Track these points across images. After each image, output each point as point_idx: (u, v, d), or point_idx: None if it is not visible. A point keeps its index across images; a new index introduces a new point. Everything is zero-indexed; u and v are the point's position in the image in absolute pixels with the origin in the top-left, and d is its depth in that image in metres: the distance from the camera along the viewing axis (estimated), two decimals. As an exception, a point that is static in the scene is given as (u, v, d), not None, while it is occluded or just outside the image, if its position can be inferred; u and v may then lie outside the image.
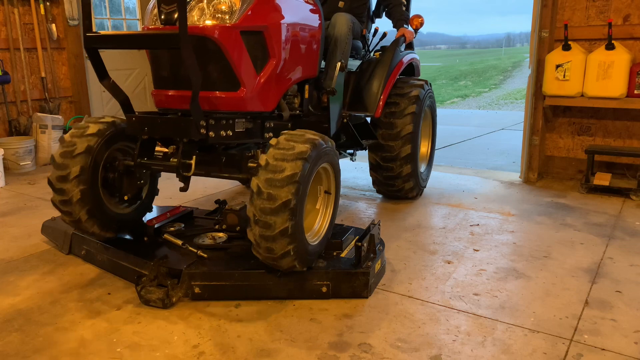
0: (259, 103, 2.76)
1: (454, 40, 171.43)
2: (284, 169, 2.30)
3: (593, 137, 4.75)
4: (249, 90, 2.67)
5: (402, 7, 4.09)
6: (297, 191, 2.28)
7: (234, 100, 2.65)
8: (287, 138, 2.44)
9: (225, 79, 2.62)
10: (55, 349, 2.17)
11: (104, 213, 2.85)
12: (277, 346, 2.18)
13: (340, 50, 3.40)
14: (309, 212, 2.68)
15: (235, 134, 2.72)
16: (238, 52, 2.58)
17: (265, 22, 2.67)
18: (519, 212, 3.95)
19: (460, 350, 2.16)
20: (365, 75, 3.89)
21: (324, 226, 2.74)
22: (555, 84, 4.49)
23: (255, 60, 2.70)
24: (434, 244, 3.31)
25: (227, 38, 2.53)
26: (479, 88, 24.37)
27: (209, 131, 2.55)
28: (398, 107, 3.84)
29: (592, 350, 2.15)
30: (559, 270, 2.92)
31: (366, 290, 2.58)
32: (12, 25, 5.58)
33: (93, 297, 2.61)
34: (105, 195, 2.87)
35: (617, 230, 3.54)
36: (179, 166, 2.64)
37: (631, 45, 4.39)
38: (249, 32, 2.62)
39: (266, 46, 2.72)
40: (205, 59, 2.57)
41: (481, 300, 2.57)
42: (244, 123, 2.78)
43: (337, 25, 3.42)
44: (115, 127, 2.86)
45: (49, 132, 5.58)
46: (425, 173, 4.37)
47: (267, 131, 2.94)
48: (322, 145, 2.51)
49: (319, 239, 2.65)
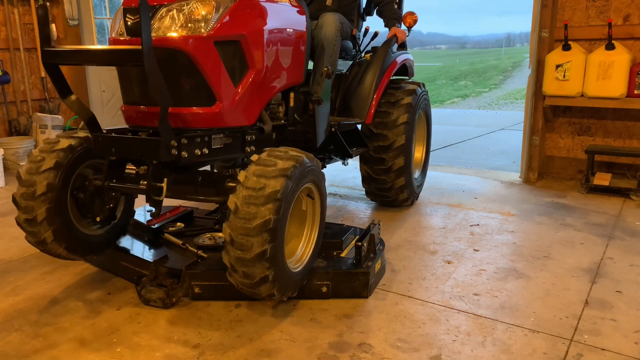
0: (237, 117, 2.56)
1: (454, 40, 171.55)
2: (264, 186, 2.13)
3: (593, 137, 4.75)
4: (226, 104, 2.47)
5: (394, 4, 3.89)
6: (278, 210, 2.10)
7: (210, 116, 2.44)
8: (270, 154, 2.28)
9: (199, 94, 2.41)
10: (55, 349, 2.17)
11: (72, 234, 2.60)
12: (277, 346, 2.18)
13: (328, 53, 3.22)
14: (292, 236, 2.50)
15: (212, 151, 2.52)
16: (212, 65, 2.38)
17: (242, 31, 2.46)
18: (519, 212, 3.95)
19: (460, 351, 2.16)
20: (356, 79, 3.69)
21: (307, 253, 2.53)
22: (555, 84, 4.49)
23: (233, 72, 2.49)
24: (434, 244, 3.31)
25: (200, 50, 2.32)
26: (479, 88, 24.37)
27: (181, 151, 2.35)
28: (389, 117, 3.64)
29: (592, 350, 2.15)
30: (559, 270, 2.92)
31: (366, 290, 2.58)
32: (12, 25, 5.58)
33: (93, 297, 2.61)
34: (75, 215, 2.63)
35: (617, 230, 3.54)
36: (149, 189, 2.41)
37: (631, 45, 4.39)
38: (225, 42, 2.41)
39: (244, 56, 2.52)
40: (176, 72, 2.37)
41: (481, 300, 2.57)
42: (222, 139, 2.57)
43: (325, 27, 3.24)
44: (89, 142, 2.60)
45: (49, 132, 5.58)
46: (420, 179, 4.20)
47: (248, 145, 2.73)
48: (307, 163, 2.33)
49: (301, 266, 2.45)
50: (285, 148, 2.38)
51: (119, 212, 2.86)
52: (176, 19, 2.33)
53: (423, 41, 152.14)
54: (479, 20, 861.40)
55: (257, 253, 2.09)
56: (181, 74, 2.37)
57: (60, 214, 2.52)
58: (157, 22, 2.33)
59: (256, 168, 2.20)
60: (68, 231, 2.58)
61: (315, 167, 2.43)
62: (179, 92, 2.39)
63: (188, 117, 2.42)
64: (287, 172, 2.18)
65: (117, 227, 2.87)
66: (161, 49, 2.28)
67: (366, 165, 3.78)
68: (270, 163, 2.21)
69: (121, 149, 2.42)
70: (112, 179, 2.56)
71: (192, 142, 2.40)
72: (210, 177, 2.59)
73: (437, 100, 19.16)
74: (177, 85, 2.38)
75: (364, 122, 3.58)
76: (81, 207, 2.65)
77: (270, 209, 2.09)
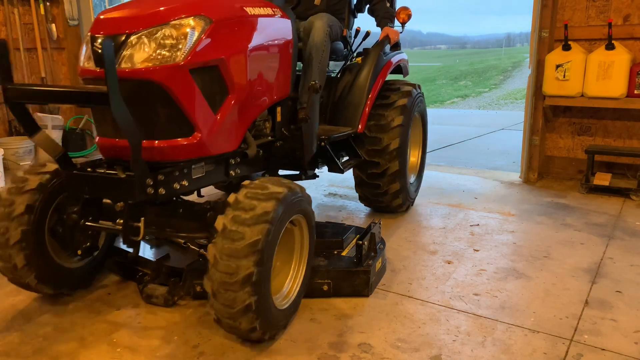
0: (219, 145, 2.40)
1: (454, 40, 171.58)
2: (243, 235, 1.96)
3: (593, 137, 4.75)
4: (206, 133, 2.28)
5: (386, 3, 3.69)
6: (259, 261, 1.95)
7: (189, 147, 2.26)
8: (248, 194, 2.08)
9: (176, 125, 2.23)
10: (55, 349, 2.17)
11: (49, 267, 2.45)
12: (277, 346, 2.18)
13: (317, 59, 3.05)
14: (279, 271, 2.36)
15: (192, 181, 2.37)
16: (189, 94, 2.19)
17: (220, 55, 2.27)
18: (519, 212, 3.95)
19: (460, 351, 2.16)
20: (346, 85, 3.51)
21: (295, 289, 2.38)
22: (555, 84, 4.49)
23: (211, 99, 2.31)
24: (434, 244, 3.31)
25: (174, 80, 2.13)
26: (479, 88, 24.37)
27: (157, 188, 2.18)
28: (383, 120, 3.48)
29: (592, 350, 2.15)
30: (559, 270, 2.92)
31: (367, 289, 2.58)
32: (12, 25, 5.58)
33: (93, 297, 2.61)
34: (53, 247, 2.48)
35: (617, 230, 3.54)
36: (125, 230, 2.24)
37: (631, 45, 4.39)
38: (201, 69, 2.22)
39: (224, 81, 2.34)
40: (150, 104, 2.18)
41: (481, 300, 2.57)
42: (203, 167, 2.42)
43: (313, 31, 3.07)
44: (58, 176, 2.43)
45: (49, 132, 5.58)
46: (415, 184, 4.04)
47: (232, 169, 2.60)
48: (290, 197, 2.14)
49: (288, 303, 2.31)
50: (267, 181, 2.20)
51: (101, 242, 2.69)
52: (147, 47, 2.13)
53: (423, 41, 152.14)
54: (479, 21, 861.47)
55: (243, 276, 1.94)
56: (155, 106, 2.18)
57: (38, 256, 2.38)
58: (128, 51, 2.13)
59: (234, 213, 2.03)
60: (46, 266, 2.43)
61: (302, 198, 2.26)
62: (154, 125, 2.21)
63: (165, 150, 2.24)
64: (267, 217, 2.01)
65: (98, 259, 2.72)
66: (132, 81, 2.11)
67: (359, 169, 3.62)
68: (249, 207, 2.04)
69: (93, 189, 2.24)
70: (88, 216, 2.40)
71: (169, 177, 2.24)
72: (191, 210, 2.45)
73: (437, 100, 19.16)
74: (152, 118, 2.20)
75: (356, 132, 3.41)
76: (60, 240, 2.49)
77: (251, 261, 1.95)
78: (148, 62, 2.11)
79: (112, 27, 2.16)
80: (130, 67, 2.10)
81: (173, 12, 2.17)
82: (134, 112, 2.04)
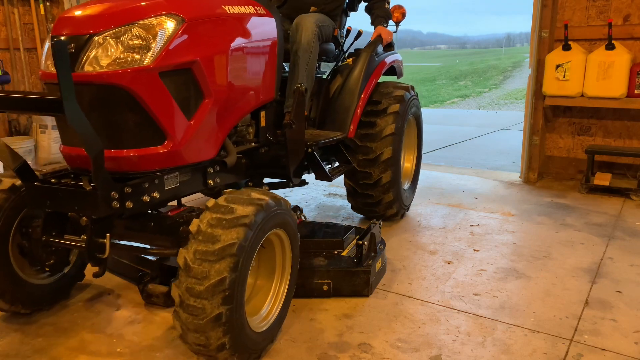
0: (194, 153, 2.23)
1: (454, 40, 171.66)
2: (218, 238, 1.83)
3: (593, 137, 4.75)
4: (178, 141, 2.12)
5: (385, 3, 3.52)
6: (234, 267, 1.81)
7: (160, 156, 2.10)
8: (227, 199, 1.98)
9: (146, 133, 2.06)
10: (55, 349, 2.17)
11: (16, 285, 2.31)
12: (277, 346, 2.18)
13: (304, 61, 2.92)
14: (259, 289, 2.23)
15: (165, 193, 2.18)
16: (159, 99, 2.03)
17: (193, 56, 2.10)
18: (519, 212, 3.95)
19: (460, 351, 2.16)
20: (337, 87, 3.33)
21: (275, 311, 2.21)
22: (556, 84, 4.49)
23: (185, 104, 2.14)
24: (434, 244, 3.31)
25: (142, 85, 1.96)
26: (479, 88, 24.36)
27: (124, 202, 2.00)
28: (374, 128, 3.31)
29: (592, 351, 2.15)
30: (559, 270, 2.92)
31: (367, 289, 2.58)
32: (12, 25, 5.58)
33: (93, 297, 2.61)
34: (21, 264, 2.34)
35: (617, 230, 3.54)
36: (89, 247, 2.07)
37: (631, 45, 4.39)
38: (173, 72, 2.05)
39: (198, 85, 2.17)
40: (117, 111, 2.01)
41: (481, 301, 2.57)
42: (177, 177, 2.24)
43: (300, 31, 2.94)
44: (17, 191, 2.26)
45: (48, 132, 5.57)
46: (410, 191, 3.86)
47: (211, 178, 2.43)
48: (271, 206, 2.01)
49: (267, 325, 2.14)
50: (248, 190, 2.08)
51: (72, 257, 2.54)
52: (113, 49, 1.96)
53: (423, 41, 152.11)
54: (479, 21, 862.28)
55: (211, 318, 1.80)
56: (123, 113, 2.02)
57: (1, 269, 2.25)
58: (92, 53, 1.95)
59: (211, 216, 1.91)
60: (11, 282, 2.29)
61: (283, 210, 2.10)
62: (122, 133, 2.05)
63: (134, 160, 2.07)
64: (246, 221, 1.88)
65: (70, 274, 2.55)
66: (97, 86, 1.95)
67: (351, 180, 3.45)
68: (227, 210, 1.92)
69: (55, 202, 2.06)
70: (51, 231, 2.24)
71: (138, 189, 2.06)
72: (163, 224, 2.24)
73: (437, 100, 19.15)
74: (119, 125, 2.04)
75: (346, 136, 3.23)
76: (27, 256, 2.33)
77: (225, 265, 1.80)
78: (114, 65, 1.94)
79: (76, 27, 1.98)
80: (95, 71, 1.94)
81: (142, 11, 2.01)
82: (99, 119, 1.94)
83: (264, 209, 1.96)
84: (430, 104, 16.84)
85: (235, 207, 1.92)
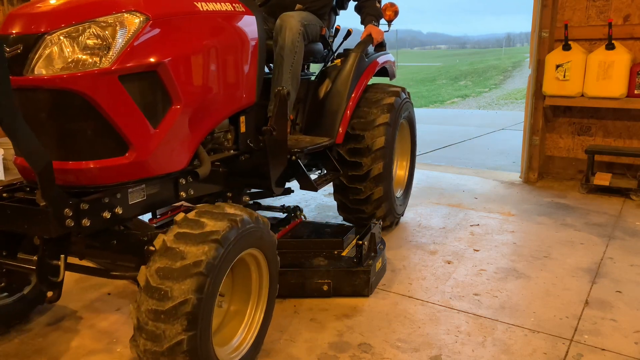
0: (161, 164, 2.02)
1: (454, 40, 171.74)
2: (185, 255, 1.65)
3: (593, 137, 4.75)
4: (142, 151, 1.91)
5: (375, 1, 3.35)
6: (200, 287, 1.61)
7: (122, 168, 1.89)
8: (198, 213, 1.81)
9: (105, 142, 1.86)
10: (55, 349, 2.17)
11: None
12: (277, 346, 2.18)
13: (288, 62, 2.75)
14: (232, 316, 2.03)
15: (130, 208, 1.98)
16: (119, 105, 1.82)
17: (159, 58, 1.88)
18: (519, 212, 3.95)
19: (460, 351, 2.16)
20: (324, 90, 3.14)
21: (248, 341, 2.01)
22: (556, 84, 4.49)
23: (150, 110, 1.92)
24: (434, 244, 3.31)
25: (99, 89, 1.76)
26: (479, 88, 24.36)
27: (80, 219, 1.80)
28: (363, 142, 3.08)
29: (592, 351, 2.15)
30: (559, 270, 2.92)
31: (367, 289, 2.58)
32: (12, 25, 5.57)
33: (93, 297, 2.61)
34: None
35: (617, 230, 3.54)
36: (40, 270, 1.88)
37: (631, 45, 4.39)
38: (135, 75, 1.84)
39: (165, 89, 1.95)
40: (73, 118, 1.81)
41: (481, 301, 2.57)
42: (144, 190, 2.04)
43: (284, 31, 2.77)
44: None
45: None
46: (402, 199, 3.66)
47: (184, 189, 2.22)
48: (247, 223, 1.83)
49: (238, 356, 1.95)
50: (222, 205, 1.92)
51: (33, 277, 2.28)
52: (68, 50, 1.76)
53: (423, 41, 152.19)
54: (479, 20, 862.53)
55: (170, 345, 1.60)
56: (79, 121, 1.82)
57: None
58: (44, 54, 1.75)
59: (178, 231, 1.74)
60: None
61: (259, 228, 1.92)
62: (79, 143, 1.84)
63: (94, 173, 1.86)
64: (217, 236, 1.70)
65: (31, 295, 2.32)
66: (50, 91, 1.76)
67: (340, 194, 3.26)
68: (197, 224, 1.75)
69: (2, 220, 1.85)
70: (1, 251, 2.04)
71: (96, 205, 1.86)
72: (127, 242, 2.00)
73: (437, 100, 19.14)
74: (76, 134, 1.83)
75: (333, 142, 3.04)
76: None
77: (190, 285, 1.61)
78: (68, 67, 1.75)
79: (26, 25, 1.78)
80: (47, 74, 1.74)
81: (100, 7, 1.81)
82: (52, 128, 1.79)
83: (238, 225, 1.78)
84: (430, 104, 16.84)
85: (206, 221, 1.75)
